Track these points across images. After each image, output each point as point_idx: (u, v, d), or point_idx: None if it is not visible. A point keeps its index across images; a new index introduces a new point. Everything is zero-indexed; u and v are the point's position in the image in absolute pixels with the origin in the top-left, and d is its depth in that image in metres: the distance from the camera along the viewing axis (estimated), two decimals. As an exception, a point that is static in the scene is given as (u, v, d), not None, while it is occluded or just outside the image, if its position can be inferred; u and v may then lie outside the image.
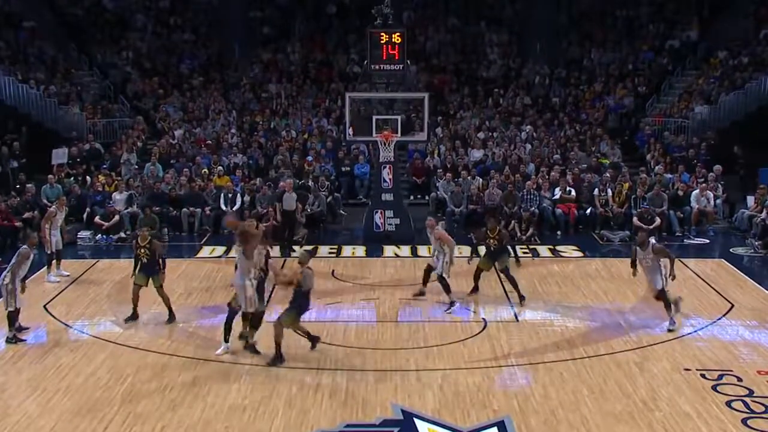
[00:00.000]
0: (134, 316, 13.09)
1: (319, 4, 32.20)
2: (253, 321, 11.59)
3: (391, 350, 11.90)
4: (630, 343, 12.06)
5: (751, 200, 19.84)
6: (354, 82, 25.81)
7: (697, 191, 20.09)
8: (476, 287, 14.45)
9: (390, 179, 18.90)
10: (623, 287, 15.09)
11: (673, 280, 12.51)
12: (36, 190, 19.89)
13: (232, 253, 17.55)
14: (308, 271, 11.40)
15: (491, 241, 14.15)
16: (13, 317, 12.18)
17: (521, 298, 13.97)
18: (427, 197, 21.74)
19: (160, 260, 13.22)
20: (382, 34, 18.75)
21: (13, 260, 12.30)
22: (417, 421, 9.54)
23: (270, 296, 14.61)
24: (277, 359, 11.24)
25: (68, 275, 15.88)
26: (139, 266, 13.13)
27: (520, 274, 15.83)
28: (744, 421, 9.51)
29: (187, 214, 19.94)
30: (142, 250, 13.10)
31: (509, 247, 14.98)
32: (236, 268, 11.62)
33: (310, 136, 24.79)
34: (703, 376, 10.86)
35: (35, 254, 13.38)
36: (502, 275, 14.44)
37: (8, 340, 12.13)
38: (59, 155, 21.57)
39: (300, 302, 11.37)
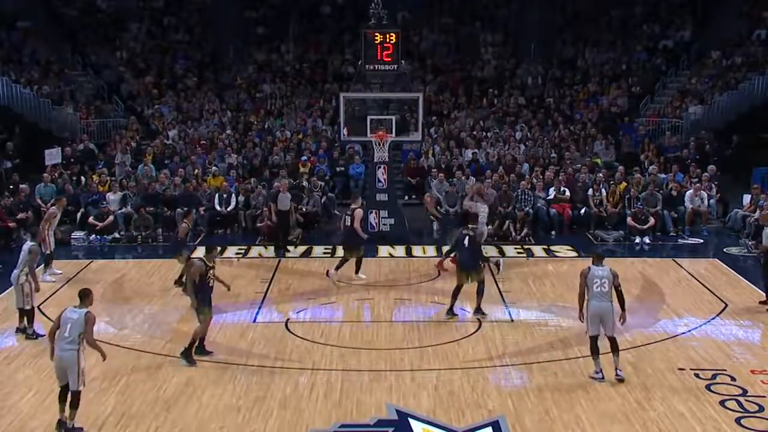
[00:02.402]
0: None
1: (313, 4, 32.19)
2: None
3: (386, 350, 11.91)
4: (624, 343, 12.02)
5: (747, 199, 19.90)
6: (348, 83, 25.81)
7: (691, 191, 20.13)
8: None
9: (384, 179, 18.90)
10: (617, 287, 15.12)
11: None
12: (30, 191, 19.84)
13: (253, 253, 17.85)
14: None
15: None
16: (31, 315, 12.37)
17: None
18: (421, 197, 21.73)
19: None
20: (377, 34, 18.75)
21: (25, 258, 12.37)
22: (411, 421, 9.55)
23: (265, 295, 14.67)
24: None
25: (61, 273, 15.88)
26: None
27: (514, 274, 15.90)
28: (738, 421, 9.55)
29: (182, 214, 19.87)
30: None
31: None
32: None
33: (305, 136, 24.79)
34: (697, 375, 10.89)
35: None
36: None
37: (28, 336, 12.25)
38: (53, 155, 21.52)
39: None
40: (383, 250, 18.06)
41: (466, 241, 13.36)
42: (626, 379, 10.64)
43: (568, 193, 20.36)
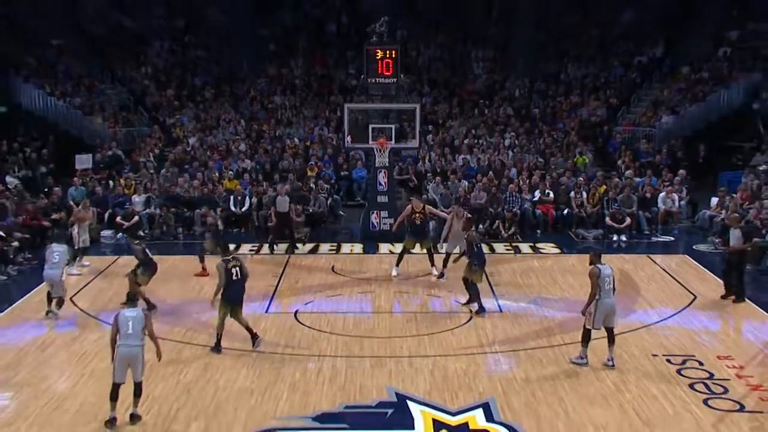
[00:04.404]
0: None
1: (320, 23, 32.18)
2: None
3: (386, 338, 11.91)
4: (603, 332, 12.05)
5: (714, 201, 19.90)
6: (352, 94, 25.78)
7: (664, 193, 20.14)
8: None
9: (385, 182, 18.88)
10: (596, 281, 15.11)
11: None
12: (62, 193, 19.83)
13: (265, 250, 17.76)
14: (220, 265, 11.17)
15: None
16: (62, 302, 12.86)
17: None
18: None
19: None
20: (378, 50, 18.75)
21: (63, 259, 12.71)
22: (410, 403, 9.55)
23: (276, 288, 14.65)
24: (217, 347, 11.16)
25: (89, 265, 15.92)
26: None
27: (502, 269, 15.90)
28: (705, 402, 9.56)
29: (200, 214, 19.89)
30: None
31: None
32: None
33: (312, 144, 24.78)
34: (668, 361, 10.90)
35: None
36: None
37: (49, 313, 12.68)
38: (83, 160, 21.52)
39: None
40: (384, 247, 18.05)
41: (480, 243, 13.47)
42: (604, 365, 10.63)
43: (552, 195, 20.34)
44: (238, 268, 11.13)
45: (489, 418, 9.20)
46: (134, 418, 9.02)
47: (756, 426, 9.00)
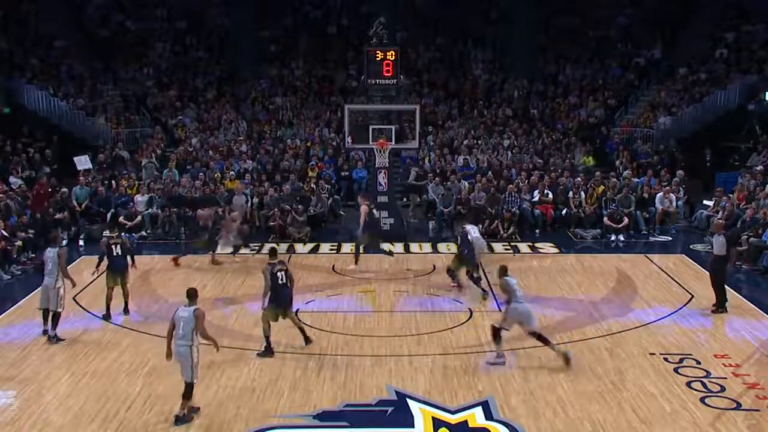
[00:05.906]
0: None
1: (321, 24, 32.18)
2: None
3: (386, 337, 11.91)
4: (601, 331, 12.10)
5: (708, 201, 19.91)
6: (352, 95, 25.77)
7: (661, 194, 20.14)
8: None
9: (385, 183, 18.88)
10: (595, 280, 15.14)
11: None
12: (68, 193, 19.79)
13: (266, 249, 17.52)
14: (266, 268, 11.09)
15: None
16: (58, 317, 11.74)
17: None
18: (419, 199, 21.72)
19: None
20: (378, 51, 18.79)
21: (56, 262, 11.65)
22: (410, 401, 9.56)
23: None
24: (268, 351, 11.08)
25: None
26: None
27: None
28: (702, 400, 9.57)
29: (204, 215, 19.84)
30: None
31: None
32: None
33: (313, 144, 24.78)
34: (666, 359, 10.90)
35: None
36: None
37: (50, 339, 11.65)
38: (82, 161, 21.43)
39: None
40: (384, 246, 18.00)
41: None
42: (603, 363, 10.64)
43: (551, 195, 20.32)
44: (283, 273, 11.07)
45: (488, 416, 9.20)
46: (178, 419, 8.96)
47: (752, 424, 9.00)
